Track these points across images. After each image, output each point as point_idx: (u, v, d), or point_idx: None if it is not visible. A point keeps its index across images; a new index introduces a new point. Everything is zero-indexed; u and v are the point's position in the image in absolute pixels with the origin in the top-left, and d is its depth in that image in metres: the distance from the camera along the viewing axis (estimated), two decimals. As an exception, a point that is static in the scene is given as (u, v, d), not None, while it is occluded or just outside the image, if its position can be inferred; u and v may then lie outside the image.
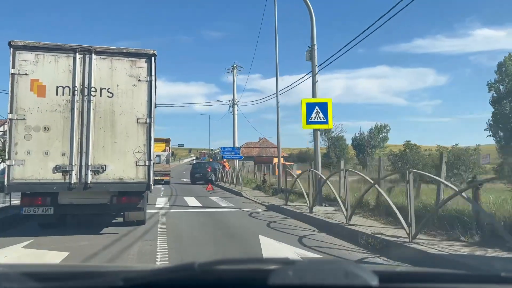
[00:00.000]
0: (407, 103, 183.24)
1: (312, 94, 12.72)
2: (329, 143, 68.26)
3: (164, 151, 29.09)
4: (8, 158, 7.36)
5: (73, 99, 7.67)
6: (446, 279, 1.26)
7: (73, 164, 7.56)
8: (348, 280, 1.13)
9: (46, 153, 7.48)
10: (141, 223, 8.81)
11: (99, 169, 7.68)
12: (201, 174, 30.32)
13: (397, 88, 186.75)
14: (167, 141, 29.73)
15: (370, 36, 12.92)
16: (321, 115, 11.95)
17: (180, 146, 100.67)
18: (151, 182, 7.89)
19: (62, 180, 7.53)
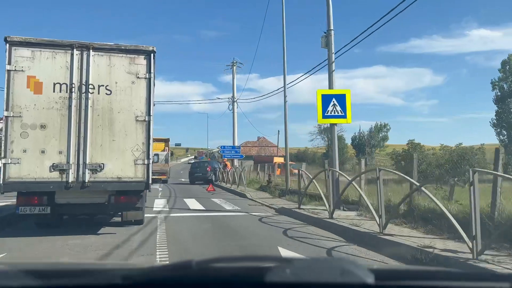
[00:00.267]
0: (404, 103, 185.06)
1: (328, 85, 11.76)
2: (329, 142, 68.31)
3: (164, 150, 30.48)
4: (4, 157, 7.41)
5: (70, 96, 7.71)
6: (441, 277, 1.30)
7: (70, 162, 7.61)
8: (344, 277, 1.17)
9: (42, 152, 7.52)
10: (139, 222, 8.87)
11: (97, 168, 7.72)
12: (200, 174, 29.90)
13: (394, 88, 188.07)
14: (166, 141, 31.64)
15: (367, 36, 12.85)
16: (338, 108, 11.01)
17: (177, 145, 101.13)
18: (150, 181, 7.94)
19: (59, 179, 7.58)
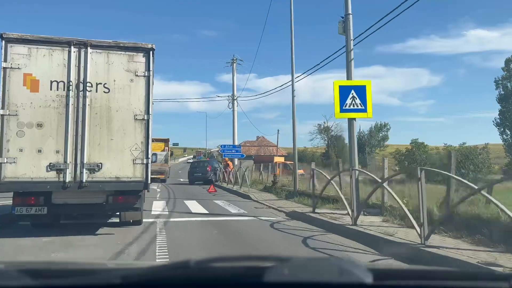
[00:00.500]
0: (402, 103, 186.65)
1: (346, 75, 11.03)
2: (328, 142, 68.32)
3: (163, 150, 32.26)
4: (0, 156, 7.45)
5: (67, 95, 7.73)
6: (440, 276, 1.33)
7: (68, 162, 7.64)
8: (342, 277, 1.20)
9: (39, 151, 7.55)
10: (138, 223, 8.91)
11: (95, 168, 7.75)
12: (200, 174, 29.74)
13: (391, 88, 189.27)
14: (166, 141, 33.75)
15: (364, 36, 12.82)
16: (358, 101, 10.19)
17: (174, 145, 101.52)
18: (149, 181, 7.97)
19: (56, 179, 7.60)
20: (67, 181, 7.61)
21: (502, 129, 52.06)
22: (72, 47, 7.83)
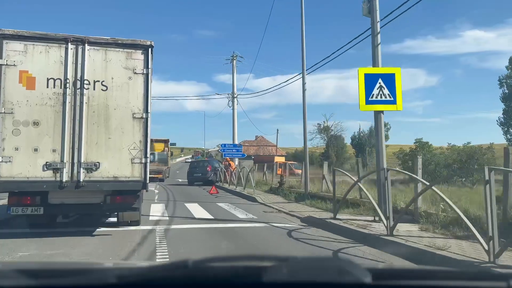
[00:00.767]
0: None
1: (372, 63, 10.00)
2: (328, 142, 68.28)
3: (163, 151, 34.03)
4: (-5, 155, 7.46)
5: (64, 92, 7.75)
6: (439, 276, 1.35)
7: (65, 161, 7.66)
8: (341, 277, 1.22)
9: (35, 150, 7.57)
10: (136, 224, 8.92)
11: (92, 167, 7.77)
12: (200, 174, 29.23)
13: None
14: (166, 141, 35.71)
15: (362, 36, 12.77)
16: (386, 91, 9.26)
17: (172, 145, 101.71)
18: (147, 180, 7.99)
19: (53, 178, 7.62)
20: (64, 180, 7.63)
21: (506, 128, 51.79)
22: (69, 43, 7.84)
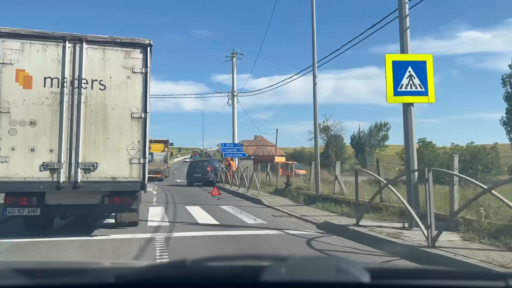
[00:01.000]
0: (396, 103, 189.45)
1: (400, 49, 9.07)
2: (328, 142, 68.31)
3: (163, 151, 35.86)
4: (-9, 155, 7.47)
5: (62, 92, 7.77)
6: (437, 275, 1.37)
7: (62, 161, 7.68)
8: (340, 276, 1.23)
9: (32, 150, 7.58)
10: (134, 224, 8.95)
11: (90, 167, 7.79)
12: (200, 175, 28.62)
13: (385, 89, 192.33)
14: (165, 142, 37.61)
15: (359, 37, 12.84)
16: (416, 81, 8.52)
17: (170, 145, 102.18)
18: (146, 181, 8.01)
19: (50, 179, 7.64)
20: (61, 181, 7.65)
21: (509, 128, 51.34)
22: (66, 42, 7.87)
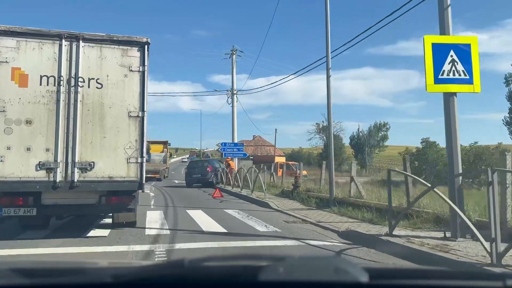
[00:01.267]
0: (392, 104, 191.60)
1: (439, 30, 7.82)
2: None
3: (162, 152, 37.31)
4: (-13, 154, 7.47)
5: (58, 90, 7.78)
6: (435, 275, 1.38)
7: (58, 161, 7.69)
8: (338, 276, 1.25)
9: (28, 149, 7.59)
10: (131, 225, 8.95)
11: (87, 167, 7.80)
12: (199, 175, 27.62)
13: (382, 90, 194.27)
14: (165, 143, 39.28)
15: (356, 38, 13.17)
16: (460, 66, 7.50)
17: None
18: (144, 181, 8.02)
19: (46, 179, 7.64)
20: (57, 180, 7.66)
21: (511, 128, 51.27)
22: (63, 40, 7.87)
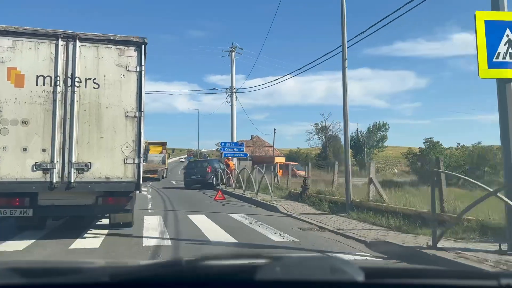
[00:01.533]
0: (389, 105, 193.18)
1: (491, 6, 6.70)
2: (326, 142, 68.25)
3: (161, 153, 39.14)
4: (-17, 155, 7.48)
5: (55, 90, 7.78)
6: (431, 274, 1.40)
7: (55, 161, 7.69)
8: (334, 275, 1.27)
9: (24, 149, 7.59)
10: (128, 225, 8.96)
11: (84, 167, 7.81)
12: (198, 176, 26.74)
13: (378, 91, 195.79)
14: (163, 144, 40.97)
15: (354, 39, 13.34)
16: None
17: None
18: (141, 181, 8.03)
19: (43, 179, 7.65)
20: (54, 181, 7.66)
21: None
22: (59, 40, 7.88)
